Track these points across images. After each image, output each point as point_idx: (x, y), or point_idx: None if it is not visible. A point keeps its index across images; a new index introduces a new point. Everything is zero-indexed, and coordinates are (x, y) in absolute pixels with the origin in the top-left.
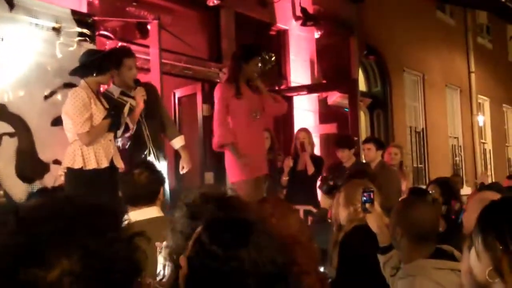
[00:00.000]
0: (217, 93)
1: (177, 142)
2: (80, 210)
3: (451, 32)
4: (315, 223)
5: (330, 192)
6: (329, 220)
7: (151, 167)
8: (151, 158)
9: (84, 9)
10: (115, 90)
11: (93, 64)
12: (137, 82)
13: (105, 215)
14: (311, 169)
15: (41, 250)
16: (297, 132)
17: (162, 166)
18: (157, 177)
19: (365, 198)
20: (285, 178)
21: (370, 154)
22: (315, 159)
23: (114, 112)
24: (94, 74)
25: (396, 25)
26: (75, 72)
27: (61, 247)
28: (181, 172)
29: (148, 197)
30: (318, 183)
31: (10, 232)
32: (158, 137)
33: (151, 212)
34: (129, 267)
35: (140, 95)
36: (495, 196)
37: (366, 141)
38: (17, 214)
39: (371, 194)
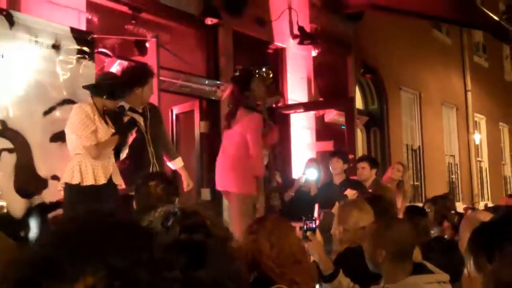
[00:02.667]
0: (257, 123)
1: (177, 163)
2: (113, 227)
3: (447, 50)
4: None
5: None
6: None
7: (166, 179)
8: None
9: (83, 26)
10: (125, 106)
11: (104, 88)
12: (122, 108)
13: (138, 235)
14: (314, 191)
15: (67, 264)
16: (308, 160)
17: None
18: (173, 189)
19: (306, 227)
20: (290, 193)
21: (364, 173)
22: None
23: (123, 131)
24: (104, 97)
25: (393, 44)
26: (87, 87)
27: (88, 263)
28: (186, 190)
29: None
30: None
31: (42, 244)
32: (160, 154)
33: None
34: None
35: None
36: (487, 216)
37: (361, 159)
38: (50, 225)
39: (314, 223)
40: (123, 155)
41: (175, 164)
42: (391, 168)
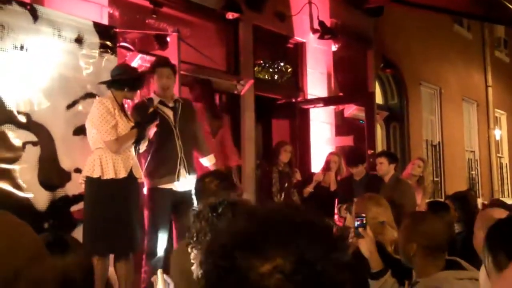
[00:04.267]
0: None
1: (210, 160)
2: (306, 219)
3: (468, 45)
4: None
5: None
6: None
7: (221, 175)
8: (181, 167)
9: (105, 21)
10: (155, 99)
11: (127, 81)
12: (151, 101)
13: (324, 231)
14: (333, 186)
15: (263, 242)
16: (329, 154)
17: (191, 176)
18: (227, 184)
19: (358, 223)
20: (309, 189)
21: (382, 168)
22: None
23: (142, 124)
24: (126, 90)
25: (413, 39)
26: (106, 83)
27: (281, 246)
28: None
29: None
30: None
31: (247, 219)
32: (189, 149)
33: None
34: (331, 284)
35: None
36: (501, 213)
37: (379, 155)
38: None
39: (364, 219)
40: (143, 147)
41: (207, 161)
42: (411, 163)
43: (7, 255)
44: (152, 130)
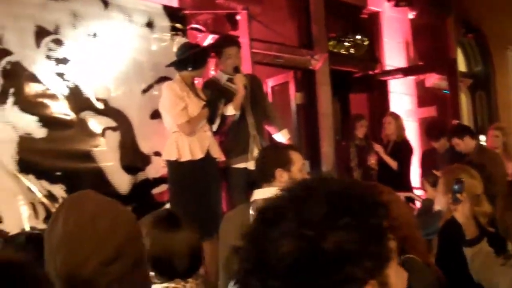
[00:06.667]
0: None
1: (283, 135)
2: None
3: None
4: (421, 214)
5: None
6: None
7: (273, 149)
8: (254, 146)
9: (175, 3)
10: (222, 77)
11: (188, 60)
12: (237, 70)
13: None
14: (390, 162)
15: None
16: (385, 116)
17: None
18: (275, 158)
19: (456, 188)
20: (373, 173)
21: (460, 147)
22: (400, 145)
23: (211, 104)
24: (190, 69)
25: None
26: (171, 64)
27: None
28: None
29: (262, 178)
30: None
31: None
32: (261, 126)
33: (269, 191)
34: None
35: (239, 81)
36: None
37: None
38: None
39: (462, 185)
40: (215, 126)
41: (281, 136)
42: (489, 137)
43: (109, 234)
44: (227, 107)
